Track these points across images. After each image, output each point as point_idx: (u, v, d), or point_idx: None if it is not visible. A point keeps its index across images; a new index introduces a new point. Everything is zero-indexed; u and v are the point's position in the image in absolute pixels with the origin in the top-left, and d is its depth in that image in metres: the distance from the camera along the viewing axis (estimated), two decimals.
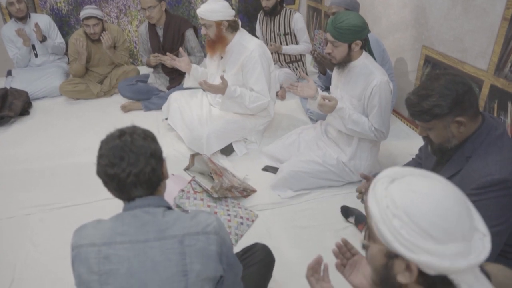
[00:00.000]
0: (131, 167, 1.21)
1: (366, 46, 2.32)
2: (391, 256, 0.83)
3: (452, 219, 0.77)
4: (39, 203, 2.48)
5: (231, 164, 2.77)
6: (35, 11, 4.37)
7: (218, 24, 2.72)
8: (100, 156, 1.24)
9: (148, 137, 1.29)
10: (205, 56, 3.48)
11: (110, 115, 3.59)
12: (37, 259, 2.08)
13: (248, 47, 2.77)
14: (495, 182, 1.35)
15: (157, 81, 3.74)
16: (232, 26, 2.77)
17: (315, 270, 1.22)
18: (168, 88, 3.67)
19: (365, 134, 2.32)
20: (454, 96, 1.38)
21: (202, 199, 2.21)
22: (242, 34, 2.85)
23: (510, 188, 1.35)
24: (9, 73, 4.20)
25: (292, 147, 2.71)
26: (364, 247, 0.91)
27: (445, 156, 1.56)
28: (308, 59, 4.46)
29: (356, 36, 2.18)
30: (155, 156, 1.27)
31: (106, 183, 1.25)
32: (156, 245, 1.18)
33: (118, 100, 3.81)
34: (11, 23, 4.01)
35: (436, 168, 1.65)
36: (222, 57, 2.89)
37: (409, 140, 3.11)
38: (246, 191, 2.43)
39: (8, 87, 3.77)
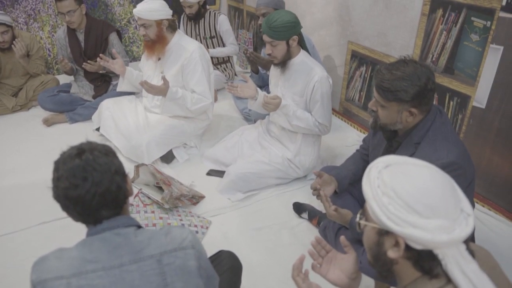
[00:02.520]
0: (96, 187, 1.11)
1: (302, 41, 2.38)
2: (382, 233, 0.92)
3: (436, 196, 0.86)
4: None
5: (174, 172, 2.68)
6: None
7: (159, 23, 2.65)
8: (58, 179, 1.12)
9: (110, 152, 1.20)
10: (131, 60, 3.36)
11: (31, 130, 3.29)
12: None
13: (188, 48, 2.71)
14: (445, 165, 1.45)
15: (81, 90, 3.50)
16: (172, 26, 2.72)
17: (300, 270, 1.23)
18: (94, 96, 3.45)
19: (309, 129, 2.38)
20: (422, 89, 1.45)
21: (153, 211, 2.11)
22: (181, 35, 2.79)
23: (458, 170, 1.46)
24: None
25: (235, 149, 2.70)
26: (360, 227, 1.00)
27: (394, 144, 1.65)
28: (236, 59, 4.46)
29: (291, 31, 2.24)
30: (119, 173, 1.18)
31: (67, 207, 1.14)
32: (134, 268, 1.10)
33: (38, 113, 3.51)
34: None
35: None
36: (159, 59, 2.79)
37: (342, 133, 3.24)
38: (195, 198, 2.37)
39: None
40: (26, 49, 3.49)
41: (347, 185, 1.91)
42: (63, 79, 3.82)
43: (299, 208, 2.32)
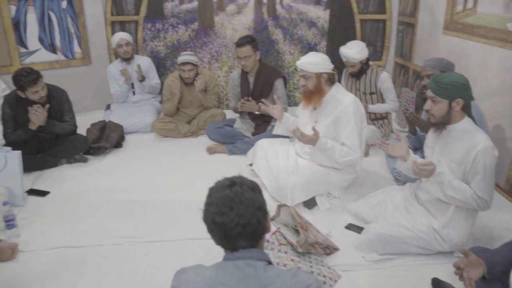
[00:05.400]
0: (239, 218, 1.23)
1: (467, 108, 2.24)
2: None
3: None
4: (127, 235, 2.58)
5: (313, 218, 2.72)
6: (137, 53, 4.74)
7: (318, 76, 2.80)
8: (209, 204, 1.27)
9: (256, 189, 1.31)
10: (288, 107, 3.61)
11: (195, 155, 3.73)
12: None
13: (343, 101, 2.80)
14: None
15: (243, 126, 3.85)
16: (331, 79, 2.84)
17: None
18: (253, 134, 3.76)
19: (465, 202, 2.18)
20: None
21: (286, 252, 2.18)
22: (338, 88, 2.90)
23: None
24: (108, 107, 4.55)
25: (378, 208, 2.62)
26: None
27: None
28: (394, 117, 4.37)
29: (457, 93, 2.13)
30: (262, 209, 1.28)
31: (212, 230, 1.28)
32: None
33: (203, 141, 3.96)
34: (117, 62, 4.38)
35: None
36: (315, 108, 2.93)
37: (505, 213, 2.88)
38: (329, 249, 2.36)
39: (106, 120, 4.07)
40: (205, 85, 4.01)
41: (500, 273, 1.69)
42: (229, 114, 4.24)
43: (438, 285, 2.12)
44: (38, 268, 2.32)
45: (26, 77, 3.17)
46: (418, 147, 3.15)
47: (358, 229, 2.59)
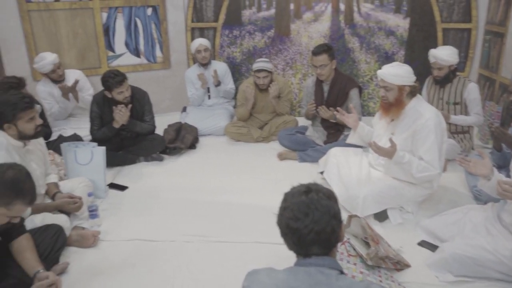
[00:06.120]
0: (314, 225, 1.23)
1: None
2: None
3: None
4: (197, 233, 2.67)
5: (384, 231, 2.64)
6: (214, 58, 4.90)
7: (400, 88, 2.71)
8: (285, 208, 1.28)
9: (332, 197, 1.31)
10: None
11: (266, 160, 3.78)
12: (193, 285, 2.23)
13: (424, 114, 2.69)
14: None
15: (315, 134, 3.83)
16: (412, 91, 2.75)
17: None
18: (325, 142, 3.73)
19: None
20: None
21: (355, 264, 2.14)
22: (419, 100, 2.79)
23: None
24: (184, 109, 4.75)
25: (455, 227, 2.48)
26: None
27: None
28: (476, 131, 4.13)
29: None
30: (336, 217, 1.28)
31: (285, 235, 1.29)
32: None
33: (274, 147, 4.00)
34: (195, 67, 4.57)
35: None
36: (392, 120, 2.84)
37: None
38: (400, 264, 2.27)
39: (182, 122, 4.24)
40: (279, 91, 4.05)
41: None
42: (301, 121, 4.24)
43: None
44: (116, 257, 2.48)
45: (113, 78, 3.40)
46: (503, 165, 2.95)
47: (432, 247, 2.47)
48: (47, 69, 3.85)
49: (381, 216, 2.78)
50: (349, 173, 2.93)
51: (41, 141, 2.75)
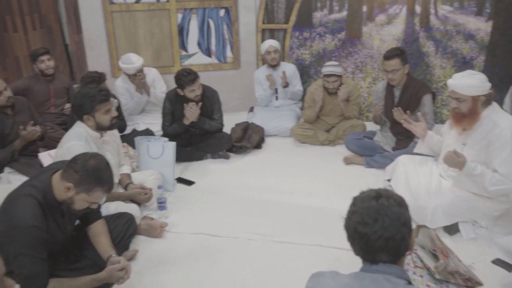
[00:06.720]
0: (383, 231, 1.20)
1: None
2: None
3: None
4: (261, 232, 2.70)
5: (454, 245, 2.51)
6: (283, 60, 4.92)
7: (475, 99, 2.55)
8: (353, 212, 1.27)
9: (403, 204, 1.27)
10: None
11: (331, 163, 3.73)
12: (255, 283, 2.26)
13: (499, 124, 2.51)
14: None
15: (383, 140, 3.73)
16: (487, 101, 2.57)
17: None
18: (394, 149, 3.61)
19: None
20: None
21: (421, 276, 2.05)
22: (494, 108, 2.60)
23: None
24: (251, 109, 4.81)
25: None
26: None
27: None
28: None
29: None
30: (407, 225, 1.24)
31: (353, 239, 1.27)
32: None
33: (340, 151, 3.94)
34: (264, 68, 4.62)
35: None
36: (464, 129, 2.69)
37: None
38: (471, 282, 2.15)
39: (249, 122, 4.31)
40: (348, 94, 3.99)
41: None
42: (370, 126, 4.14)
43: None
44: (181, 249, 2.58)
45: (186, 77, 3.53)
46: None
47: (508, 267, 2.32)
48: (130, 72, 4.05)
49: (452, 229, 2.65)
50: (418, 183, 2.82)
51: (115, 133, 2.93)
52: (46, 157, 3.23)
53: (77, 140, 2.51)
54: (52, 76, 4.05)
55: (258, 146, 4.08)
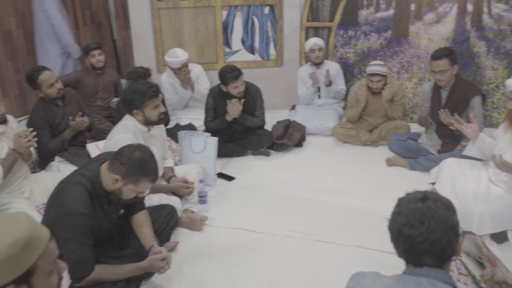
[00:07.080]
0: (429, 234, 1.18)
1: None
2: None
3: None
4: (299, 230, 2.70)
5: (502, 254, 2.40)
6: (327, 58, 4.87)
7: None
8: (398, 213, 1.25)
9: (450, 208, 1.24)
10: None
11: (373, 165, 3.66)
12: (293, 280, 2.26)
13: None
14: None
15: (428, 142, 3.62)
16: None
17: None
18: (439, 152, 3.50)
19: None
20: None
21: (466, 284, 1.99)
22: None
23: None
24: (293, 107, 4.80)
25: None
26: None
27: None
28: None
29: None
30: (454, 229, 1.21)
31: (397, 241, 1.25)
32: None
33: (383, 152, 3.86)
34: (307, 66, 4.60)
35: None
36: None
37: None
38: None
39: (291, 119, 4.30)
40: (392, 95, 3.90)
41: None
42: (414, 128, 4.03)
43: None
44: (220, 243, 2.61)
45: (230, 73, 3.57)
46: None
47: None
48: (176, 66, 4.14)
49: (500, 238, 2.54)
50: (465, 187, 2.72)
51: (162, 127, 3.00)
52: (94, 148, 3.35)
53: (126, 133, 2.59)
54: (102, 70, 4.21)
55: (299, 144, 4.07)
